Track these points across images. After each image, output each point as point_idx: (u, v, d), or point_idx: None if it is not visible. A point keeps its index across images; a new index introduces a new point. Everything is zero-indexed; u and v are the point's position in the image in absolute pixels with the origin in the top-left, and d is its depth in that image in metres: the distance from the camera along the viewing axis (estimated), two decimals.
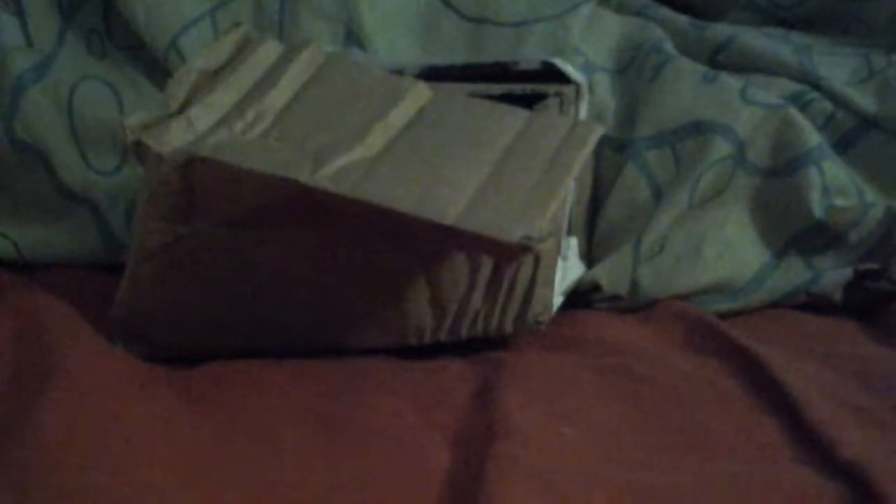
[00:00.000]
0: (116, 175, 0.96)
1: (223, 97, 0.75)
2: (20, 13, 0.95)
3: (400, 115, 0.77)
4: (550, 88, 0.89)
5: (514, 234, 0.67)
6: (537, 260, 0.80)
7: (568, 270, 0.90)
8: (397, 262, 0.76)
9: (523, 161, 0.74)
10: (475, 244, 0.70)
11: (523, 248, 0.67)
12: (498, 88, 0.88)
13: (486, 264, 0.78)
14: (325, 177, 0.69)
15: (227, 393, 0.69)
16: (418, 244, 0.75)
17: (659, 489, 0.58)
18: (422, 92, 0.79)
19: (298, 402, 0.68)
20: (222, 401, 0.68)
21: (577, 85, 0.90)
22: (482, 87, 0.88)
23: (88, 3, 0.98)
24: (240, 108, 0.75)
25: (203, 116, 0.74)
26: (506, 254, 0.71)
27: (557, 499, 0.55)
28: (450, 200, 0.69)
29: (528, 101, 0.87)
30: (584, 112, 0.91)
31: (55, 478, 0.53)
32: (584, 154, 0.77)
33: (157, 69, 0.97)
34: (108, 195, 0.96)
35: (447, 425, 0.65)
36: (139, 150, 0.72)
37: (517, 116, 0.79)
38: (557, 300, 0.85)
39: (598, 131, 0.79)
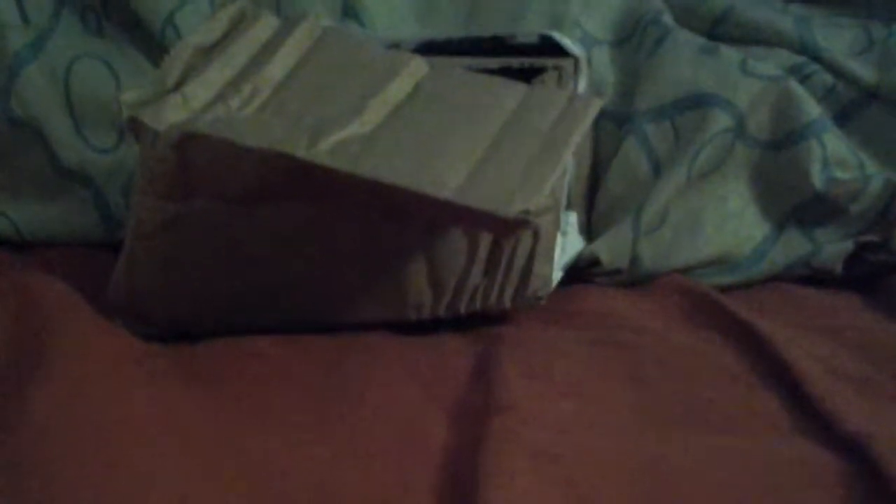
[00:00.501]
0: (114, 153, 0.96)
1: (219, 73, 0.75)
2: None
3: (397, 90, 0.76)
4: (549, 62, 0.88)
5: (512, 209, 0.66)
6: (536, 234, 0.79)
7: (567, 245, 0.89)
8: (395, 237, 0.75)
9: (521, 135, 0.74)
10: (473, 219, 0.69)
11: (521, 223, 0.67)
12: (495, 62, 0.88)
13: (485, 239, 0.77)
14: (322, 152, 0.69)
15: (226, 369, 0.69)
16: (416, 219, 0.75)
17: (658, 463, 0.58)
18: (419, 66, 0.79)
19: (297, 378, 0.68)
20: (220, 377, 0.68)
21: (576, 58, 0.90)
22: (480, 61, 0.88)
23: None
24: (235, 83, 0.74)
25: (199, 93, 0.73)
26: (504, 228, 0.70)
27: (556, 473, 0.55)
28: (447, 175, 0.69)
29: (527, 75, 0.87)
30: (582, 85, 0.90)
31: (50, 457, 0.53)
32: (583, 127, 0.76)
33: (154, 46, 0.97)
34: (105, 173, 0.95)
35: (446, 400, 0.65)
36: (135, 127, 0.72)
37: (515, 90, 0.78)
38: (557, 275, 0.85)
39: (597, 104, 0.79)
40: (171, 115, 0.71)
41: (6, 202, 0.94)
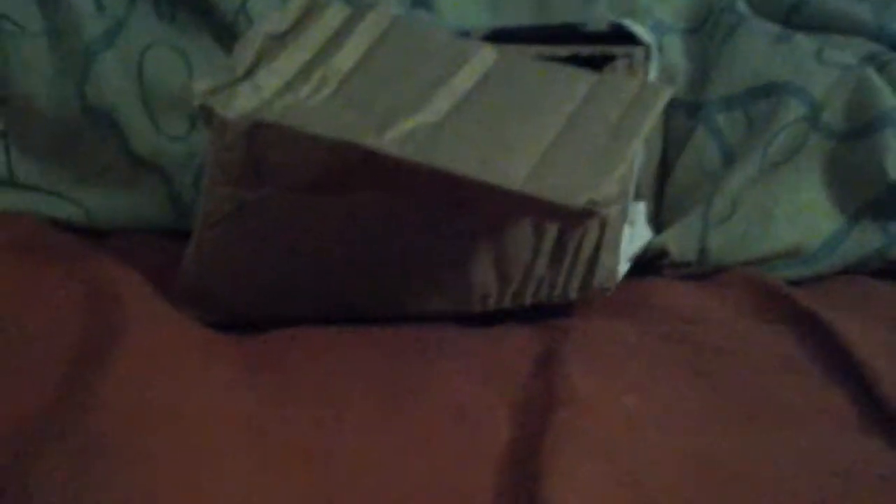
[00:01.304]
0: (186, 140, 0.97)
1: (289, 61, 0.75)
2: None
3: (465, 79, 0.76)
4: (619, 50, 0.88)
5: (580, 199, 0.66)
6: (603, 225, 0.79)
7: (635, 236, 0.88)
8: (462, 227, 0.75)
9: (590, 124, 0.73)
10: (540, 209, 0.69)
11: (588, 213, 0.66)
12: (565, 50, 0.87)
13: (551, 230, 0.77)
14: (391, 141, 0.69)
15: (291, 359, 0.70)
16: (483, 209, 0.74)
17: (723, 459, 0.57)
18: (487, 54, 0.79)
19: (360, 368, 0.68)
20: (286, 367, 0.68)
21: (647, 46, 0.89)
22: (549, 49, 0.87)
23: None
24: (305, 72, 0.75)
25: (269, 81, 0.74)
26: (571, 219, 0.70)
27: (617, 468, 0.55)
28: (515, 165, 0.68)
29: (597, 63, 0.86)
30: (653, 74, 0.90)
31: (119, 441, 0.54)
32: (653, 116, 0.75)
33: (226, 33, 0.98)
34: (177, 161, 0.96)
35: (509, 393, 0.65)
36: (206, 115, 0.72)
37: (584, 79, 0.78)
38: (624, 266, 0.84)
39: (667, 93, 0.78)
40: (242, 103, 0.72)
41: (78, 189, 0.95)
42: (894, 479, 0.56)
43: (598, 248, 0.80)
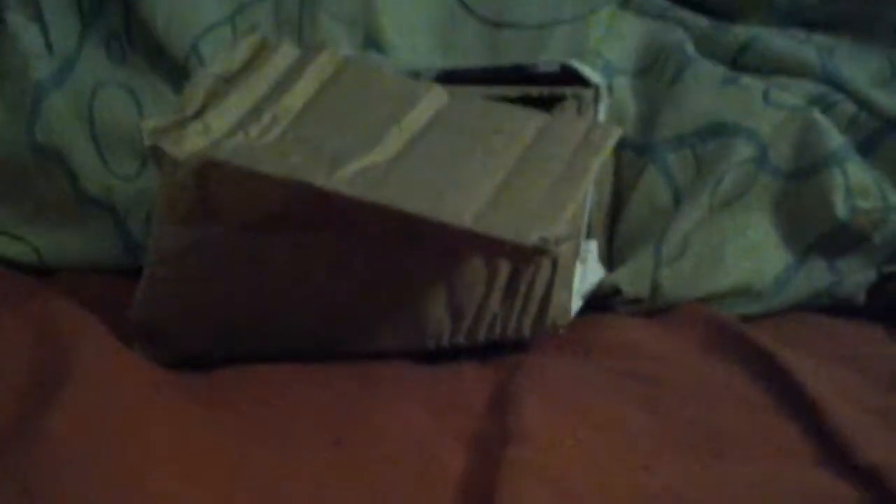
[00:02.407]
0: (137, 180, 0.96)
1: (239, 101, 0.75)
2: (40, 18, 0.95)
3: (416, 119, 0.77)
4: (568, 91, 0.88)
5: (531, 237, 0.66)
6: (555, 263, 0.79)
7: (587, 274, 0.89)
8: (414, 265, 0.75)
9: (541, 164, 0.74)
10: (491, 247, 0.69)
11: (540, 251, 0.67)
12: (515, 91, 0.88)
13: (504, 268, 0.77)
14: (342, 180, 0.69)
15: (243, 398, 0.69)
16: (435, 248, 0.74)
17: (676, 493, 0.57)
18: (438, 95, 0.79)
19: (313, 405, 0.68)
20: (238, 406, 0.68)
21: (596, 87, 0.90)
22: (499, 90, 0.88)
23: (108, 8, 0.98)
24: (256, 112, 0.75)
25: (219, 121, 0.74)
26: (522, 256, 0.70)
27: (571, 503, 0.55)
28: (466, 203, 0.69)
29: (547, 104, 0.87)
30: (602, 114, 0.90)
31: (63, 481, 0.53)
32: (602, 156, 0.76)
33: (178, 74, 0.98)
34: (128, 200, 0.96)
35: (463, 430, 0.64)
36: (156, 155, 0.72)
37: (534, 119, 0.79)
38: (576, 304, 0.85)
39: (616, 133, 0.79)
40: (192, 142, 0.71)
41: (28, 228, 0.95)
42: None
43: (550, 286, 0.80)
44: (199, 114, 0.74)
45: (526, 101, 0.86)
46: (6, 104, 0.94)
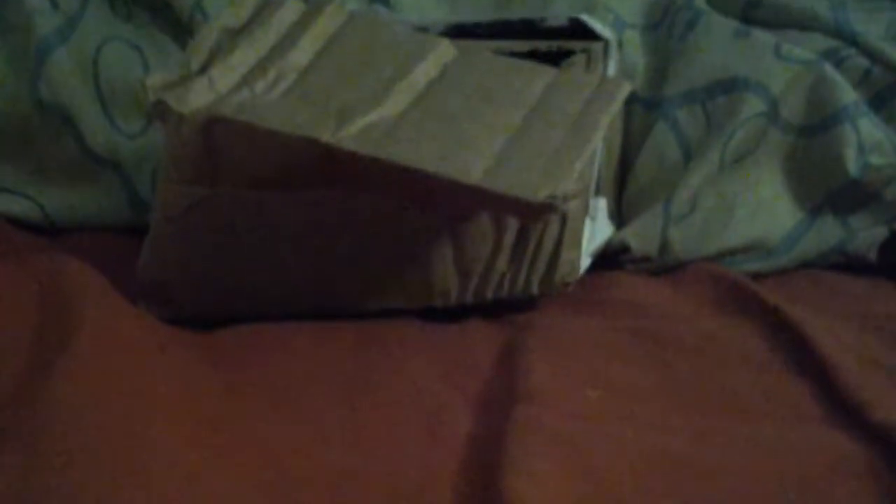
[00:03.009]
0: (142, 137, 0.96)
1: (245, 56, 0.74)
2: None
3: (423, 74, 0.76)
4: (577, 45, 0.87)
5: (539, 194, 0.65)
6: (564, 220, 0.79)
7: (596, 231, 0.88)
8: (421, 222, 0.75)
9: (549, 119, 0.73)
10: (499, 204, 0.69)
11: (548, 208, 0.66)
12: (524, 45, 0.87)
13: (512, 225, 0.77)
14: (348, 136, 0.69)
15: (249, 355, 0.69)
16: (442, 205, 0.74)
17: (684, 452, 0.57)
18: (446, 49, 0.78)
19: (320, 364, 0.68)
20: (243, 362, 0.68)
21: (605, 41, 0.89)
22: (508, 45, 0.87)
23: None
24: (261, 67, 0.74)
25: (224, 76, 0.73)
26: (531, 213, 0.69)
27: (580, 462, 0.54)
28: (474, 160, 0.68)
29: (555, 59, 0.86)
30: (612, 69, 0.89)
31: (68, 440, 0.52)
32: (612, 112, 0.75)
33: (182, 30, 0.97)
34: (133, 157, 0.95)
35: (470, 388, 0.64)
36: (160, 111, 0.71)
37: (543, 74, 0.78)
38: (585, 261, 0.84)
39: (626, 88, 0.78)
40: (197, 98, 0.71)
41: (34, 186, 0.94)
42: (853, 468, 0.56)
43: (559, 243, 0.79)
44: (204, 69, 0.73)
45: (535, 55, 0.85)
46: (10, 60, 0.93)
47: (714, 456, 0.57)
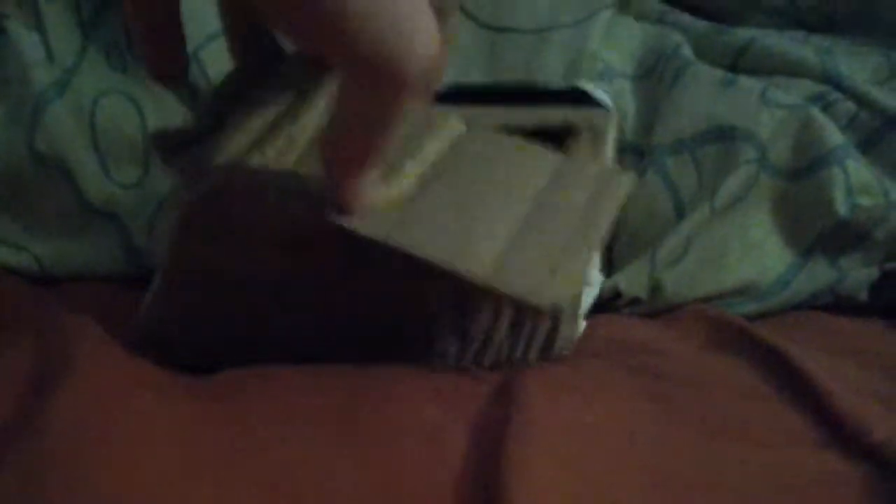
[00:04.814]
0: (138, 188, 0.96)
1: (255, 120, 0.74)
2: (41, 28, 0.96)
3: (433, 149, 0.75)
4: (581, 120, 0.86)
5: (545, 299, 0.64)
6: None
7: (590, 293, 0.88)
8: (426, 293, 0.75)
9: (555, 213, 0.71)
10: (506, 300, 0.69)
11: (555, 309, 0.66)
12: (530, 117, 0.86)
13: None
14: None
15: (247, 396, 0.68)
16: (447, 286, 0.73)
17: (683, 471, 0.57)
18: (455, 125, 0.78)
19: (320, 398, 0.67)
20: (242, 403, 0.67)
21: (608, 111, 0.88)
22: (515, 116, 0.85)
23: (109, 17, 0.98)
24: (272, 131, 0.73)
25: (235, 139, 0.72)
26: (537, 315, 0.70)
27: (579, 476, 0.55)
28: (482, 251, 0.67)
29: (561, 132, 0.85)
30: (611, 146, 0.88)
31: (60, 477, 0.52)
32: (615, 209, 0.74)
33: None
34: (130, 208, 0.96)
35: (468, 414, 0.64)
36: (169, 167, 0.71)
37: (549, 160, 0.77)
38: (581, 325, 0.84)
39: (629, 183, 0.77)
40: (207, 160, 0.70)
41: (30, 238, 0.95)
42: (851, 488, 0.56)
43: (557, 321, 0.79)
44: (216, 129, 0.72)
45: (540, 130, 0.85)
46: (7, 113, 0.94)
47: (713, 474, 0.57)
